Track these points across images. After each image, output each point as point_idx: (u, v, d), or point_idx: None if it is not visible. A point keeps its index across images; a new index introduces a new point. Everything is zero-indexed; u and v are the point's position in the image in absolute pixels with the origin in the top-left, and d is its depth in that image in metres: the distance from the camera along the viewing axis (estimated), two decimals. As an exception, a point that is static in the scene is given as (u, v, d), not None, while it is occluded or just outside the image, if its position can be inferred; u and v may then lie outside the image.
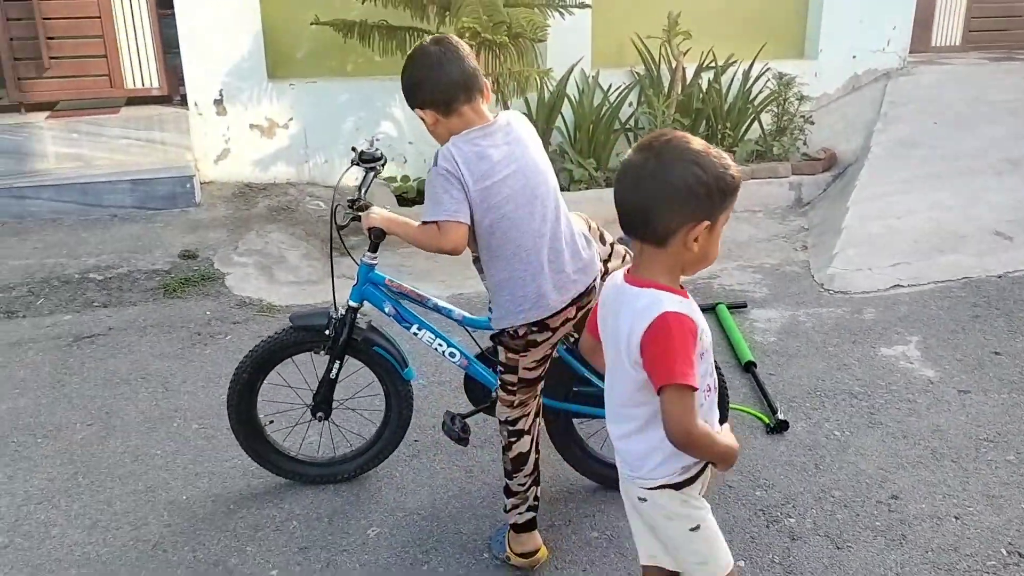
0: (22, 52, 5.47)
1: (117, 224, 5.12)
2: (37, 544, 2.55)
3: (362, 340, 2.62)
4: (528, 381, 2.36)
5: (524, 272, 2.20)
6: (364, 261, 2.55)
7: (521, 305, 2.23)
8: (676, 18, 5.79)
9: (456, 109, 2.17)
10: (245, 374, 2.64)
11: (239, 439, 2.74)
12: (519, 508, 2.42)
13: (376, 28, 5.26)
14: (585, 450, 2.75)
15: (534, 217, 2.19)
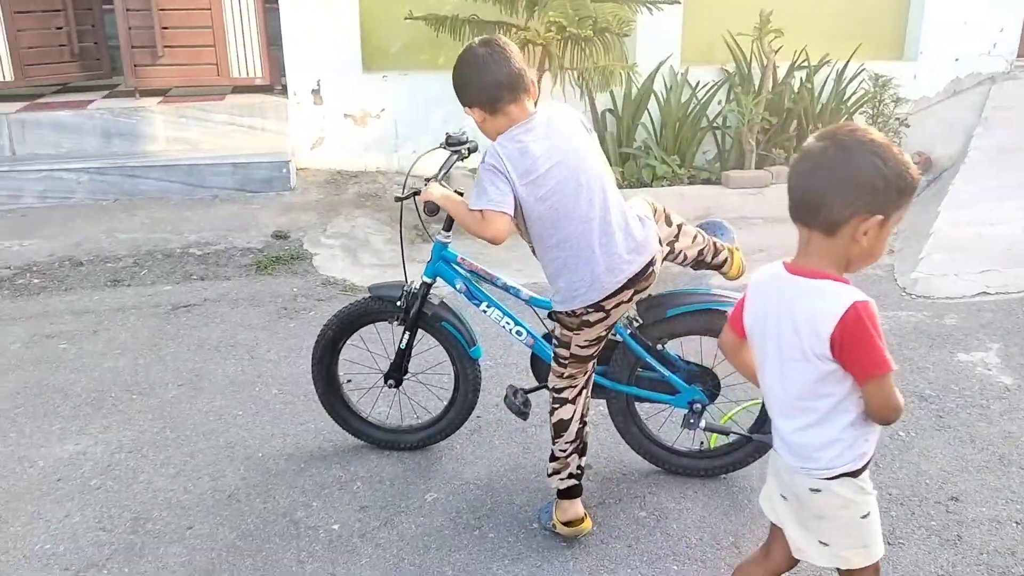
0: (139, 41, 5.85)
1: (218, 204, 5.43)
2: (126, 487, 2.78)
3: (432, 315, 2.74)
4: (580, 358, 2.43)
5: (576, 258, 2.28)
6: (438, 239, 2.67)
7: (577, 289, 2.31)
8: (768, 16, 5.74)
9: (501, 109, 2.26)
10: (330, 331, 2.82)
11: (318, 390, 2.91)
12: (560, 474, 2.50)
13: (467, 22, 5.41)
14: (644, 431, 2.80)
15: (580, 204, 2.26)
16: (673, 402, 2.69)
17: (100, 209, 5.32)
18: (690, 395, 2.66)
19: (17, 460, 2.93)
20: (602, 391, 2.71)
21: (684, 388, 2.65)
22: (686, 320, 2.60)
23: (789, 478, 1.78)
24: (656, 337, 2.62)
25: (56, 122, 5.67)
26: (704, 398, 2.66)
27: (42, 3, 6.01)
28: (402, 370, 2.85)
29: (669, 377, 2.64)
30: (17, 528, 2.57)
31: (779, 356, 1.72)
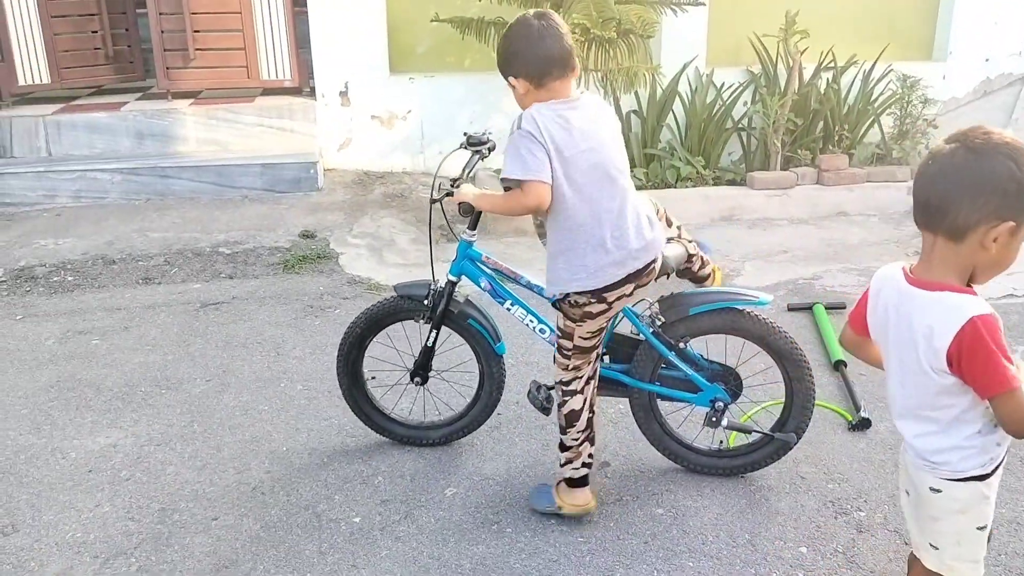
0: (171, 44, 5.97)
1: (247, 204, 5.52)
2: (154, 479, 2.85)
3: (458, 312, 2.79)
4: (583, 349, 2.48)
5: (585, 245, 2.33)
6: (463, 238, 2.71)
7: (577, 274, 2.35)
8: (794, 17, 5.72)
9: (547, 84, 2.28)
10: (357, 329, 2.87)
11: (342, 386, 2.96)
12: (573, 463, 2.55)
13: (492, 24, 5.45)
14: (666, 429, 2.82)
15: (603, 194, 2.31)
16: (695, 400, 2.71)
17: (132, 209, 5.44)
18: (712, 393, 2.68)
19: (51, 452, 3.01)
20: (624, 389, 2.74)
21: (706, 386, 2.67)
22: (709, 318, 2.63)
23: (914, 473, 1.75)
24: (679, 335, 2.64)
25: (91, 123, 5.81)
26: (726, 397, 2.68)
27: (78, 7, 6.15)
28: (427, 368, 2.90)
29: (691, 375, 2.66)
30: (50, 517, 2.66)
31: (899, 366, 1.69)
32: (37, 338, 3.90)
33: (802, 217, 5.61)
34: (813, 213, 5.62)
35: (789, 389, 2.70)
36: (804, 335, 3.87)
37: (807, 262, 4.81)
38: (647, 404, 2.77)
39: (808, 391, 2.68)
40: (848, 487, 2.76)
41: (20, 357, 3.73)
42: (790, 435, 2.71)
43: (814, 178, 5.78)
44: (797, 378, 2.67)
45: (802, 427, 2.72)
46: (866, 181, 5.78)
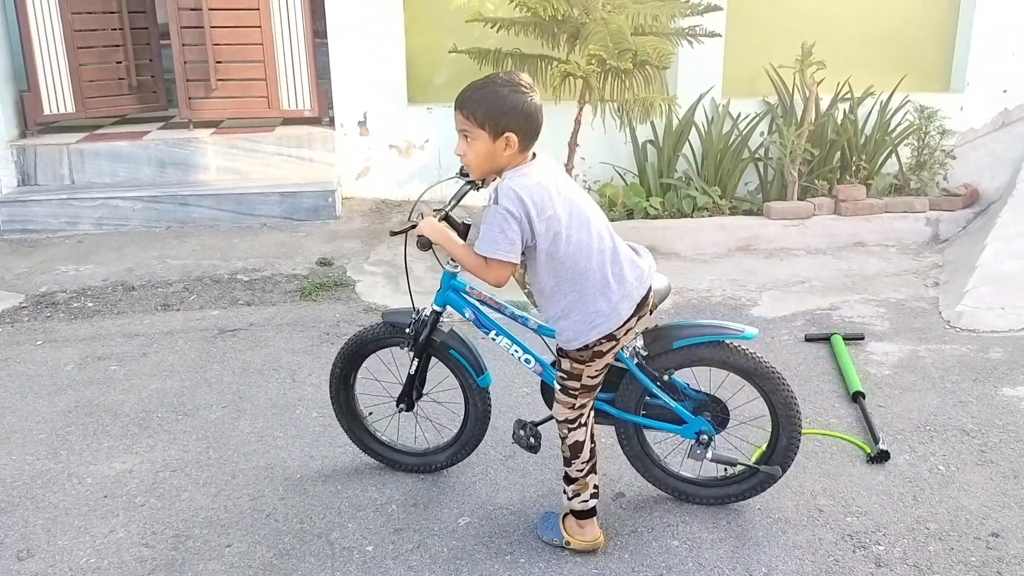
0: (194, 75, 6.07)
1: (265, 232, 5.57)
2: (169, 505, 2.85)
3: (440, 342, 2.80)
4: (589, 388, 2.51)
5: (593, 289, 2.36)
6: (447, 268, 2.73)
7: (594, 320, 2.38)
8: (810, 48, 5.74)
9: (528, 147, 2.33)
10: (346, 351, 2.92)
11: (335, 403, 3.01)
12: (581, 495, 2.54)
13: (509, 55, 5.50)
14: (651, 457, 2.81)
15: (592, 236, 2.35)
16: (680, 432, 2.70)
17: (153, 236, 5.50)
18: (697, 426, 2.67)
19: (67, 476, 3.03)
20: (610, 419, 2.74)
21: (690, 419, 2.66)
22: (693, 351, 2.62)
23: None
24: (663, 367, 2.64)
25: (113, 152, 5.90)
26: (711, 429, 2.67)
27: (103, 38, 6.27)
28: (413, 395, 2.91)
29: (675, 408, 2.66)
30: (65, 542, 2.66)
31: None
32: (56, 363, 3.94)
33: (819, 247, 5.59)
34: (830, 243, 5.60)
35: (775, 422, 2.68)
36: (822, 366, 3.84)
37: (824, 293, 4.78)
38: (632, 433, 2.77)
39: (794, 424, 2.66)
40: (867, 520, 2.72)
41: (39, 382, 3.76)
42: (775, 468, 2.69)
43: (831, 208, 5.77)
44: (784, 412, 2.65)
45: (788, 460, 2.70)
46: (884, 212, 5.76)
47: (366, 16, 5.95)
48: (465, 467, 3.04)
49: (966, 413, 3.39)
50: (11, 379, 3.79)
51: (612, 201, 5.80)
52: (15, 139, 5.94)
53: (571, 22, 5.20)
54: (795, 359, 3.92)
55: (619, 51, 4.88)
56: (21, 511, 2.83)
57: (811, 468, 3.02)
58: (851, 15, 6.47)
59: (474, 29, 5.78)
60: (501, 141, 2.29)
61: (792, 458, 2.70)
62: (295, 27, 6.09)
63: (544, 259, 2.34)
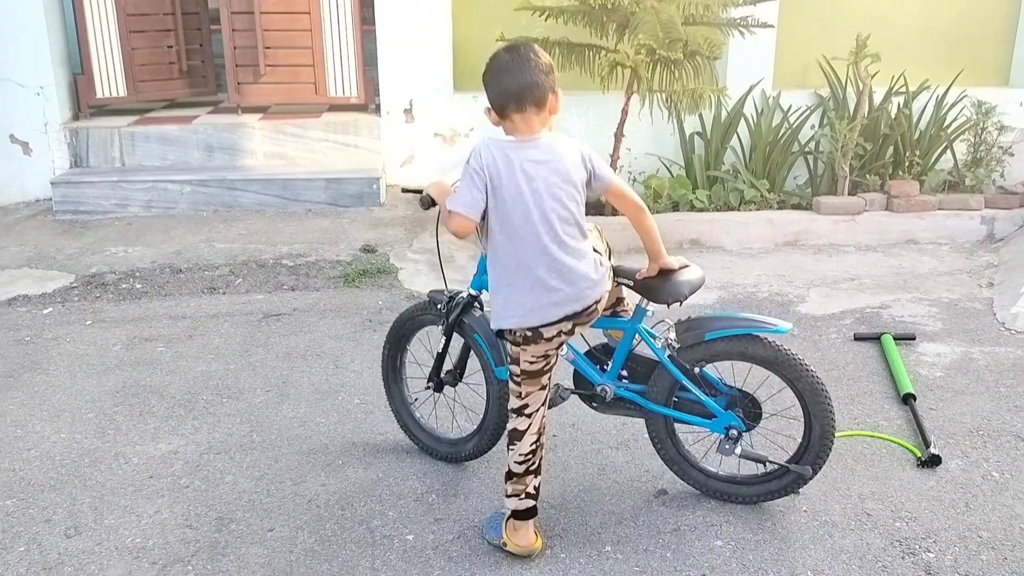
0: (243, 60, 6.11)
1: (310, 218, 5.60)
2: (213, 487, 2.88)
3: (467, 326, 2.81)
4: (530, 374, 2.47)
5: (523, 283, 2.35)
6: (484, 252, 2.68)
7: (513, 312, 2.38)
8: (865, 40, 5.61)
9: (507, 115, 2.33)
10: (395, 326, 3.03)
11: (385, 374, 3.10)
12: (519, 495, 2.52)
13: (557, 44, 5.45)
14: (680, 451, 2.78)
15: (541, 237, 2.31)
16: (710, 426, 2.68)
17: (200, 219, 5.56)
18: (726, 420, 2.64)
19: (114, 456, 3.07)
20: (640, 411, 2.74)
21: (721, 413, 2.64)
22: (724, 344, 2.60)
23: None
24: (694, 360, 2.62)
25: (163, 136, 5.97)
26: (741, 424, 2.64)
27: (154, 23, 6.34)
28: (442, 375, 2.93)
29: (705, 401, 2.63)
30: (111, 521, 2.70)
31: None
32: (105, 343, 4.00)
33: (870, 244, 5.47)
34: (881, 240, 5.48)
35: (807, 420, 2.64)
36: (871, 366, 3.76)
37: (875, 291, 4.68)
38: (662, 426, 2.75)
39: (827, 423, 2.61)
40: (916, 526, 2.66)
41: (88, 362, 3.82)
42: (806, 468, 2.64)
43: (883, 204, 5.64)
44: (816, 409, 2.60)
45: (820, 460, 2.65)
46: (937, 209, 5.62)
47: (414, 4, 5.94)
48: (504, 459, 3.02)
49: (1021, 419, 3.29)
50: (61, 358, 3.86)
51: (657, 193, 5.73)
52: (68, 121, 6.04)
53: (621, 11, 5.13)
54: (844, 358, 3.84)
55: (669, 41, 4.80)
56: (69, 489, 2.88)
57: (859, 471, 2.96)
58: (907, 7, 6.31)
59: (521, 17, 5.73)
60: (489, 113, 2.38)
61: (824, 460, 2.65)
62: (343, 14, 6.10)
63: (490, 232, 2.36)
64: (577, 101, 6.10)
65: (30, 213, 5.76)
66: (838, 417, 3.27)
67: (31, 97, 5.89)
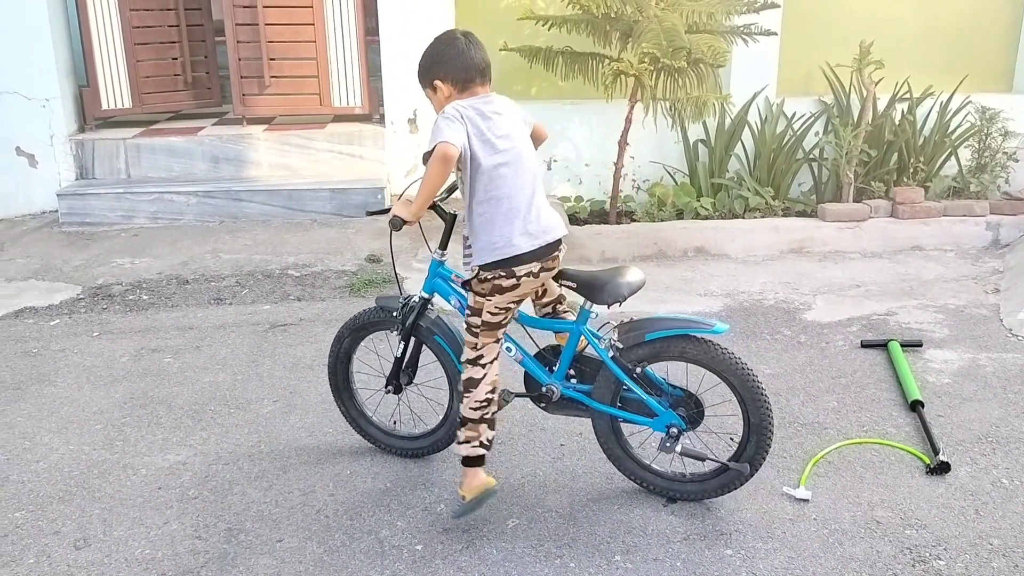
0: (247, 72, 6.14)
1: (316, 228, 5.62)
2: (221, 498, 2.88)
3: (426, 328, 2.90)
4: (490, 325, 2.65)
5: (503, 217, 2.54)
6: (434, 257, 2.87)
7: (496, 243, 2.55)
8: (868, 47, 5.62)
9: (470, 88, 2.56)
10: (344, 335, 3.10)
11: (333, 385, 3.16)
12: (472, 442, 2.67)
13: (560, 53, 5.48)
14: (626, 450, 2.85)
15: (519, 175, 2.55)
16: (652, 425, 2.75)
17: (206, 230, 5.58)
18: (667, 419, 2.71)
19: (122, 467, 3.08)
20: (587, 411, 2.81)
21: (662, 412, 2.71)
22: (664, 344, 2.66)
23: None
24: (636, 360, 2.68)
25: (169, 147, 5.99)
26: (681, 423, 2.71)
27: (159, 35, 6.38)
28: (400, 378, 3.00)
29: (647, 400, 2.70)
30: (120, 532, 2.71)
31: None
32: (112, 355, 4.01)
33: (875, 251, 5.47)
34: (887, 247, 5.48)
35: (746, 419, 2.69)
36: (879, 373, 3.75)
37: (881, 297, 4.68)
38: (608, 425, 2.81)
39: (764, 422, 2.67)
40: (927, 534, 2.65)
41: (96, 373, 3.83)
42: (743, 465, 2.70)
43: (888, 211, 5.64)
44: (752, 408, 2.66)
45: (758, 458, 2.71)
46: (942, 215, 5.62)
47: (418, 14, 5.96)
48: (513, 468, 3.03)
49: (1030, 425, 3.29)
50: (69, 369, 3.87)
51: (662, 201, 5.74)
52: (74, 133, 6.07)
53: (624, 20, 5.15)
54: (851, 365, 3.83)
55: (673, 49, 4.82)
56: (78, 500, 2.88)
57: (868, 478, 2.95)
58: (910, 14, 6.32)
59: (525, 27, 5.76)
60: (439, 91, 2.58)
61: (763, 457, 2.71)
62: (348, 25, 6.13)
63: (478, 173, 2.49)
64: (580, 110, 6.13)
65: (36, 225, 5.78)
66: (846, 425, 3.29)
67: (37, 109, 5.91)
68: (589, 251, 5.27)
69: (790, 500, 2.82)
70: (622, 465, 2.86)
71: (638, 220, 5.64)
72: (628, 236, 5.35)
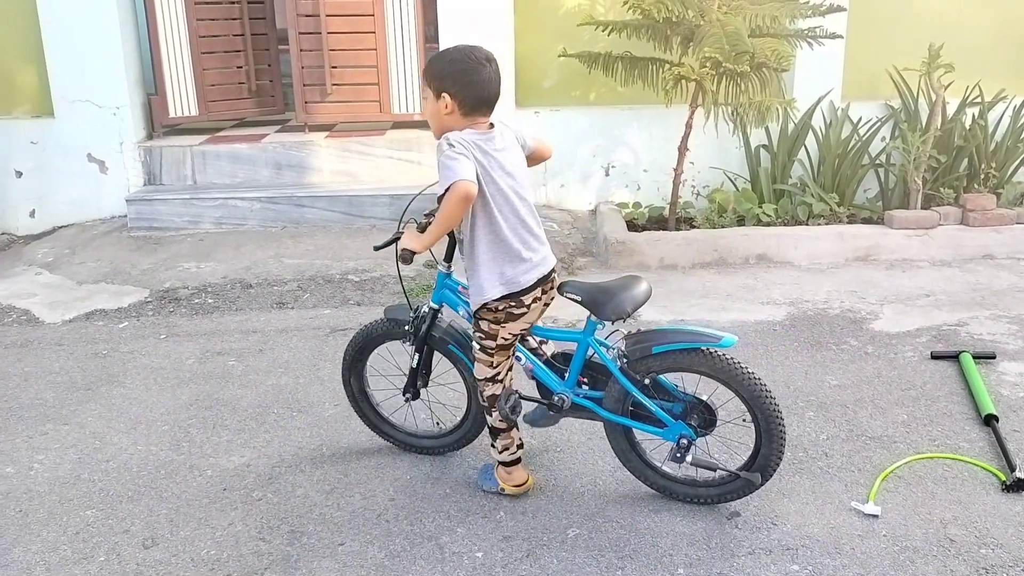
0: (310, 80, 6.23)
1: (375, 233, 5.67)
2: (284, 500, 2.92)
3: (439, 338, 2.98)
4: (504, 346, 2.72)
5: (504, 256, 2.60)
6: (440, 270, 2.94)
7: (498, 281, 2.61)
8: (938, 50, 5.46)
9: (474, 117, 2.57)
10: (351, 350, 3.15)
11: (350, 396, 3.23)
12: (509, 448, 2.82)
13: (619, 59, 5.44)
14: (638, 453, 2.87)
15: (517, 211, 2.60)
16: (662, 435, 2.75)
17: (269, 236, 5.68)
18: (678, 430, 2.72)
19: (188, 468, 3.14)
20: (597, 417, 2.84)
21: (671, 423, 2.71)
22: (672, 357, 2.66)
23: None
24: (644, 371, 2.69)
25: (233, 154, 6.11)
26: (691, 433, 2.70)
27: (225, 44, 6.51)
28: (417, 385, 3.10)
29: (656, 412, 2.71)
30: (187, 532, 2.76)
31: None
32: (179, 357, 4.10)
33: (944, 259, 5.31)
34: (957, 255, 5.32)
35: (757, 429, 2.67)
36: (950, 385, 3.64)
37: (951, 307, 4.53)
38: (619, 430, 2.83)
39: (775, 432, 2.65)
40: (1003, 553, 2.55)
41: (163, 375, 3.92)
42: (755, 475, 2.69)
43: (958, 218, 5.48)
44: (764, 418, 2.64)
45: (769, 468, 2.69)
46: (1015, 223, 5.43)
47: (476, 21, 5.98)
48: (573, 477, 3.01)
49: (1114, 442, 3.15)
50: (137, 371, 3.97)
51: (722, 207, 5.66)
52: (142, 140, 6.23)
53: (685, 24, 5.10)
54: (920, 377, 3.72)
55: (736, 53, 4.75)
56: (146, 500, 2.94)
57: (941, 495, 2.86)
58: (981, 16, 6.12)
59: (583, 32, 5.74)
60: (441, 102, 2.55)
61: (774, 467, 2.70)
62: (407, 33, 6.18)
63: (476, 210, 2.53)
64: (639, 115, 6.08)
65: (106, 230, 5.95)
66: (917, 439, 3.20)
67: (108, 117, 6.09)
68: (648, 258, 5.22)
69: (859, 515, 2.75)
70: (633, 467, 2.88)
71: (698, 226, 5.57)
72: (688, 242, 5.28)
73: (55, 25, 5.93)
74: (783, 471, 2.94)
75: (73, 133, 6.08)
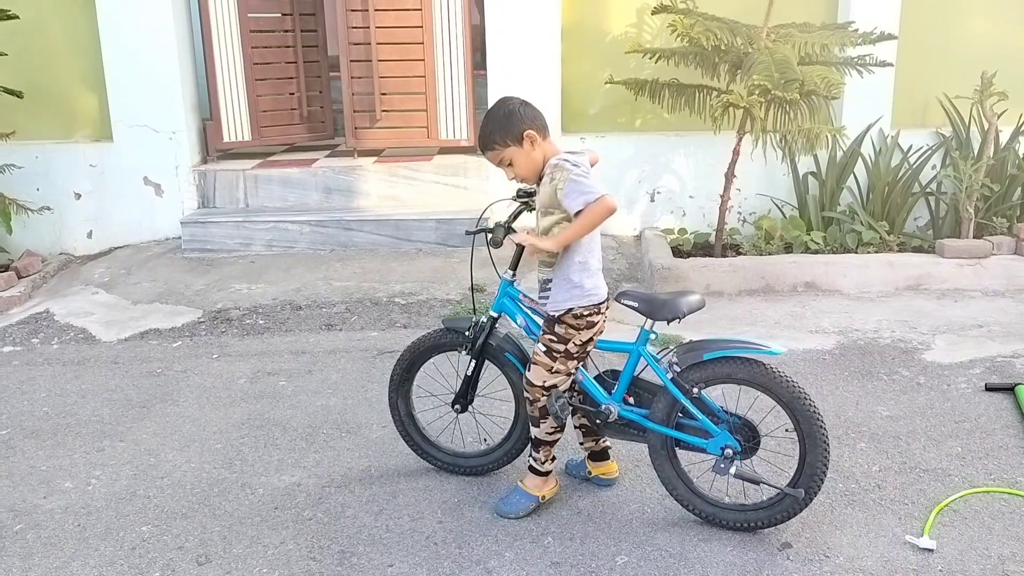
0: (360, 106, 6.35)
1: (421, 257, 5.74)
2: (334, 520, 2.95)
3: (496, 346, 3.01)
4: (570, 355, 2.79)
5: (596, 265, 2.78)
6: (504, 277, 2.99)
7: (596, 289, 2.76)
8: (991, 78, 5.41)
9: (547, 134, 2.79)
10: (407, 356, 3.20)
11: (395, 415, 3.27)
12: (548, 459, 2.91)
13: (666, 86, 5.47)
14: (680, 475, 2.87)
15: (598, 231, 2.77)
16: (707, 446, 2.76)
17: (318, 258, 5.77)
18: (723, 440, 2.73)
19: (240, 486, 3.19)
20: (643, 432, 2.86)
21: (717, 433, 2.73)
22: (721, 365, 2.70)
23: None
24: (694, 381, 2.72)
25: (284, 178, 6.24)
26: (736, 444, 2.70)
27: (278, 71, 6.67)
28: (468, 397, 3.11)
29: (704, 421, 2.73)
30: (239, 550, 2.80)
31: None
32: (231, 376, 4.18)
33: (998, 289, 5.21)
34: (1010, 285, 5.22)
35: (801, 443, 2.67)
36: (1005, 418, 3.57)
37: (1006, 339, 4.45)
38: (663, 448, 2.84)
39: (819, 447, 2.65)
40: (1066, 593, 2.49)
41: (215, 394, 3.99)
42: (798, 491, 2.67)
43: (1012, 247, 5.38)
44: (808, 432, 2.65)
45: (814, 485, 2.67)
46: (1074, 253, 5.32)
47: (524, 48, 6.06)
48: (621, 504, 3.00)
49: None
50: (190, 390, 4.05)
51: (769, 234, 5.63)
52: (197, 164, 6.39)
53: (734, 52, 5.11)
54: (975, 410, 3.65)
55: (785, 81, 4.75)
56: (200, 517, 3.00)
57: (998, 530, 2.79)
58: (1036, 42, 6.05)
59: (630, 59, 5.78)
60: (527, 142, 2.72)
61: (819, 482, 2.68)
62: (456, 60, 6.28)
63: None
64: (685, 141, 6.09)
65: (161, 251, 6.10)
66: (972, 472, 3.14)
67: (164, 142, 6.26)
68: (693, 284, 5.20)
69: (913, 549, 2.70)
70: (675, 490, 2.88)
71: (744, 253, 5.54)
72: (735, 269, 5.26)
73: (117, 54, 6.13)
74: (835, 503, 2.91)
75: (131, 157, 6.26)
